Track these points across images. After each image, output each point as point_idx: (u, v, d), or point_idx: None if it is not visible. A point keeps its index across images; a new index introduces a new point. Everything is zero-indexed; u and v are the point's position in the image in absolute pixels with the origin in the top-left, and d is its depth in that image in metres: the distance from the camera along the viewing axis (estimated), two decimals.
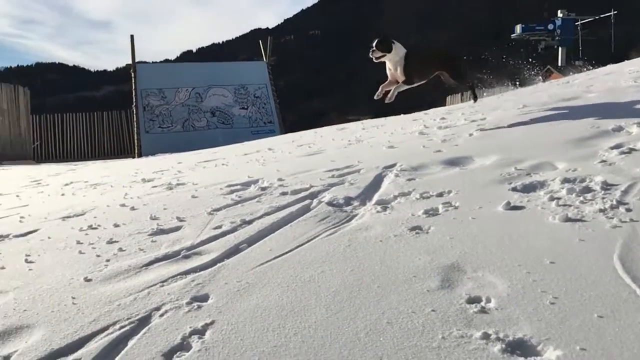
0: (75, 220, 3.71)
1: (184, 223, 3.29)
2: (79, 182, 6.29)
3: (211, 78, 19.85)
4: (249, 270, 2.44)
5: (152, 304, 2.24)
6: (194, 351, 1.85)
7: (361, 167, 4.09)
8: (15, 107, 17.67)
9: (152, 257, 2.75)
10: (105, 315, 2.19)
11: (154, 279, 2.48)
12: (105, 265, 2.72)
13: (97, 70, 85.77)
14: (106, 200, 4.27)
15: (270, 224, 3.04)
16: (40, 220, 3.80)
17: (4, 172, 10.42)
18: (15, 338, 2.12)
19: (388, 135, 5.78)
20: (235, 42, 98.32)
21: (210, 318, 2.05)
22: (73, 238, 3.23)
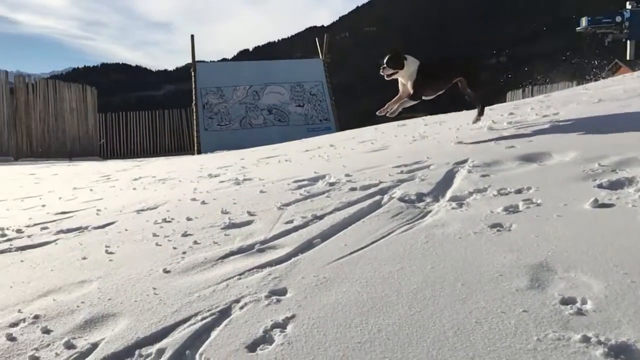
0: (149, 213, 3.81)
1: (255, 217, 3.31)
2: (147, 177, 6.48)
3: (268, 76, 20.07)
4: (326, 265, 2.42)
5: (231, 296, 2.26)
6: (276, 344, 1.84)
7: (430, 163, 4.00)
8: (83, 106, 18.48)
9: (227, 250, 2.78)
10: (187, 306, 2.22)
11: (231, 272, 2.50)
12: (182, 258, 2.77)
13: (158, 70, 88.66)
14: (177, 194, 4.37)
15: (342, 219, 3.01)
16: (116, 213, 3.93)
17: (75, 168, 10.88)
18: (102, 326, 2.18)
19: (454, 131, 5.64)
20: (290, 40, 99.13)
21: (291, 312, 2.04)
22: (149, 230, 3.31)
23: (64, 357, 1.97)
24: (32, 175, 9.25)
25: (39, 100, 17.21)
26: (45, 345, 2.07)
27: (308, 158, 5.78)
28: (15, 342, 2.12)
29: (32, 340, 2.12)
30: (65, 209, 4.40)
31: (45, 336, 2.13)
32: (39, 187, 7.07)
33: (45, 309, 2.36)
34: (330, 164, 4.82)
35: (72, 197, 5.31)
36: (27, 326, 2.23)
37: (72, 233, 3.52)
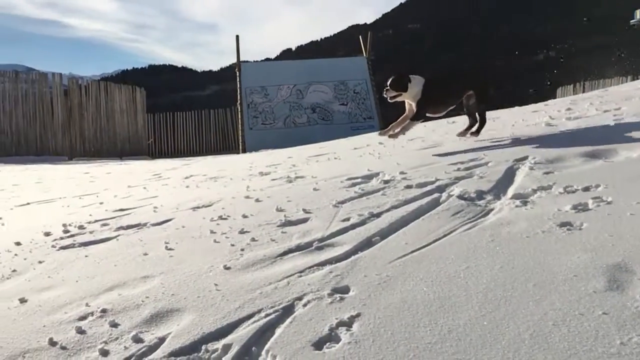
0: (204, 210, 3.85)
1: (310, 215, 3.30)
2: (197, 175, 6.58)
3: (311, 75, 20.10)
4: (387, 263, 2.38)
5: (293, 293, 2.24)
6: (343, 343, 1.82)
7: (488, 160, 3.90)
8: (133, 106, 19.00)
9: (285, 248, 2.78)
10: (249, 302, 2.23)
11: (291, 269, 2.49)
12: (241, 254, 2.78)
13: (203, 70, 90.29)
14: (230, 192, 4.40)
15: (401, 217, 2.96)
16: (172, 210, 3.99)
17: (127, 167, 11.19)
18: (167, 321, 2.21)
19: (509, 127, 5.49)
20: (333, 39, 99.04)
21: (355, 310, 2.01)
22: (206, 227, 3.35)
23: (133, 351, 2.00)
24: (87, 174, 9.56)
25: (91, 101, 17.79)
26: (114, 339, 2.11)
27: (358, 156, 5.73)
28: (85, 335, 2.17)
29: (101, 333, 2.16)
30: (123, 206, 4.51)
31: (113, 330, 2.18)
32: (95, 185, 7.29)
33: (111, 303, 2.41)
34: (382, 161, 4.76)
35: (128, 195, 5.44)
36: (95, 320, 2.28)
37: (131, 229, 3.59)
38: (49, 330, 2.23)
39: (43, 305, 2.48)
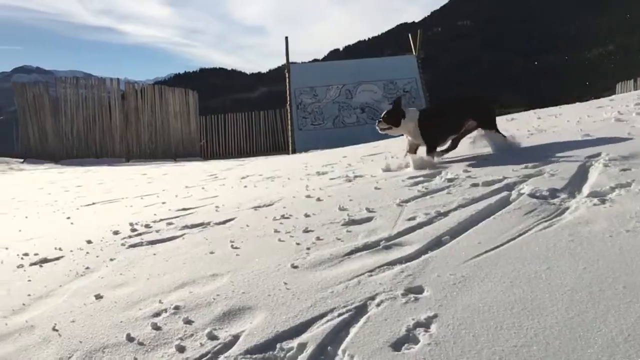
0: (266, 210, 3.87)
1: (374, 214, 3.26)
2: (253, 175, 6.65)
3: (361, 74, 20.02)
4: (461, 263, 2.32)
5: (365, 293, 2.21)
6: (423, 344, 1.77)
7: (559, 157, 3.75)
8: (186, 109, 19.43)
9: (351, 247, 2.75)
10: (321, 301, 2.21)
11: (360, 268, 2.46)
12: (307, 253, 2.77)
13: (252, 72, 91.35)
14: (289, 191, 4.42)
15: (469, 216, 2.88)
16: (233, 210, 4.04)
17: (182, 168, 11.45)
18: (240, 318, 2.22)
19: (574, 123, 5.28)
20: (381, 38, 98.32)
21: (432, 311, 1.96)
22: (270, 227, 3.36)
23: (208, 348, 2.02)
24: (145, 175, 9.84)
25: (146, 105, 18.32)
26: (189, 336, 2.14)
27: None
28: (161, 331, 2.20)
29: (176, 330, 2.19)
30: (185, 205, 4.60)
31: (188, 327, 2.20)
32: (153, 186, 7.48)
33: (183, 300, 2.44)
34: (441, 159, 4.66)
35: (188, 195, 5.55)
36: (169, 316, 2.32)
37: (196, 228, 3.65)
38: (126, 326, 2.28)
39: (118, 302, 2.54)
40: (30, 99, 17.22)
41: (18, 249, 3.72)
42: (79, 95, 17.55)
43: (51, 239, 3.96)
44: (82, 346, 2.17)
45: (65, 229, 4.40)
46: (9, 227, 4.95)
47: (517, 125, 6.07)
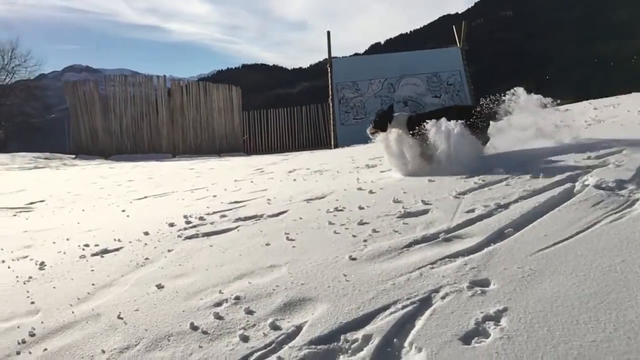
0: (318, 202, 3.86)
1: (430, 206, 3.20)
2: (300, 169, 6.66)
3: (403, 68, 19.77)
4: (528, 256, 2.24)
5: (428, 285, 2.17)
6: (494, 338, 1.72)
7: (622, 148, 3.60)
8: (229, 105, 19.67)
9: (410, 239, 2.71)
10: (383, 293, 2.18)
11: (420, 261, 2.42)
12: (365, 245, 2.75)
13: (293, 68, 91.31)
14: (340, 184, 4.40)
15: (532, 208, 2.79)
16: (285, 203, 4.05)
17: (227, 163, 11.59)
18: (301, 309, 2.21)
19: (635, 113, 5.05)
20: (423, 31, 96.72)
21: (501, 304, 1.90)
22: (323, 219, 3.35)
23: (272, 338, 2.02)
24: (192, 170, 10.00)
25: (191, 101, 18.64)
26: (252, 326, 2.15)
27: None
28: (223, 320, 2.22)
29: (238, 319, 2.21)
30: (236, 199, 4.64)
31: (250, 317, 2.21)
32: (202, 180, 7.59)
33: (243, 290, 2.46)
34: (496, 151, 4.53)
35: (237, 189, 5.60)
36: (230, 306, 2.34)
37: (249, 221, 3.67)
38: (189, 316, 2.31)
39: (179, 292, 2.58)
40: (80, 97, 17.78)
41: (79, 240, 3.84)
42: (127, 92, 18.00)
43: (109, 230, 4.07)
44: (147, 334, 2.21)
45: (121, 222, 4.51)
46: (68, 220, 5.11)
47: (573, 116, 5.86)
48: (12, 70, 25.90)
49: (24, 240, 4.19)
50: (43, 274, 3.14)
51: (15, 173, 12.31)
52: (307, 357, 1.87)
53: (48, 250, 3.71)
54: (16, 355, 2.20)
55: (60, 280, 3.00)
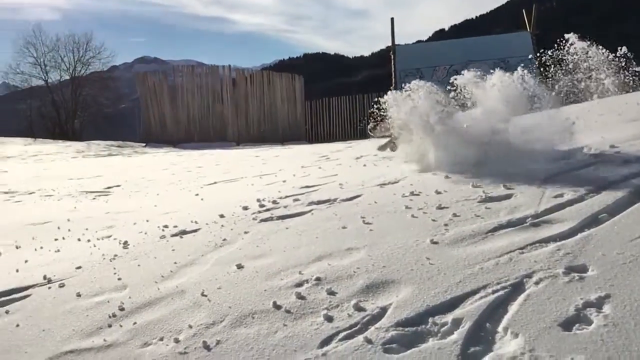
0: (391, 187, 3.80)
1: (513, 191, 3.08)
2: (368, 155, 6.60)
3: (469, 54, 19.18)
4: (628, 242, 2.11)
5: (519, 270, 2.08)
6: (597, 325, 1.63)
7: None
8: (292, 94, 19.82)
9: (494, 224, 2.61)
10: (471, 277, 2.11)
11: (508, 246, 2.33)
12: (446, 230, 2.67)
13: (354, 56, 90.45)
14: (413, 169, 4.30)
15: (628, 193, 2.63)
16: (358, 187, 4.01)
17: (291, 150, 11.69)
18: (385, 291, 2.18)
19: None
20: (489, 16, 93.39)
21: (603, 291, 1.80)
22: (399, 203, 3.29)
23: (357, 319, 2.00)
24: (257, 157, 10.14)
25: (255, 90, 18.92)
26: (335, 306, 2.13)
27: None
28: (305, 300, 2.22)
29: (321, 300, 2.20)
30: (307, 183, 4.65)
31: (332, 297, 2.20)
32: (268, 167, 7.68)
33: (323, 272, 2.45)
34: (579, 134, 4.30)
35: (306, 174, 5.62)
36: (311, 287, 2.33)
37: (323, 205, 3.67)
38: (270, 295, 2.32)
39: (259, 272, 2.60)
40: (150, 87, 18.44)
41: (157, 221, 3.96)
42: (194, 82, 18.50)
43: (185, 213, 4.17)
44: (231, 311, 2.24)
45: (196, 205, 4.63)
46: (145, 203, 5.30)
47: None
48: (87, 62, 27.21)
49: (106, 222, 4.37)
50: (127, 252, 3.26)
51: (91, 160, 12.94)
52: (394, 338, 1.83)
53: (129, 231, 3.85)
54: (108, 328, 2.29)
55: (143, 259, 3.10)
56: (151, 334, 2.18)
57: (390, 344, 1.80)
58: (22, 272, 3.11)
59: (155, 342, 2.11)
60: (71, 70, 26.76)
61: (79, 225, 4.27)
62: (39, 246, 3.69)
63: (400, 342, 1.81)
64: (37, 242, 3.80)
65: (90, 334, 2.26)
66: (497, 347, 1.70)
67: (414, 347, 1.77)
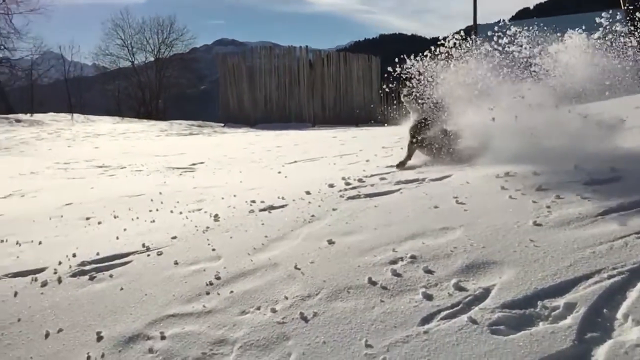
0: (482, 168, 3.66)
1: (619, 174, 2.88)
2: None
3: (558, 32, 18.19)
4: None
5: (637, 255, 1.94)
6: None
7: None
8: (368, 75, 19.61)
9: (604, 207, 2.45)
10: (582, 261, 1.99)
11: (622, 230, 2.18)
12: (549, 212, 2.54)
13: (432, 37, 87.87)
14: None
15: None
16: (447, 167, 3.90)
17: (368, 132, 11.60)
18: (486, 272, 2.10)
19: None
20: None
21: None
22: (494, 184, 3.17)
23: (458, 298, 1.94)
24: (335, 138, 10.15)
25: (332, 71, 18.88)
26: (434, 285, 2.08)
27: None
28: (401, 278, 2.18)
29: (417, 278, 2.15)
30: (391, 163, 4.59)
31: (430, 276, 2.15)
32: (347, 147, 7.67)
33: (418, 250, 2.40)
34: None
35: (388, 155, 5.56)
36: (406, 265, 2.29)
37: (411, 184, 3.60)
38: (365, 271, 2.30)
39: (351, 248, 2.58)
40: (230, 68, 18.83)
41: (244, 197, 4.03)
42: (271, 64, 18.71)
43: (271, 189, 4.22)
44: (326, 285, 2.24)
45: (280, 182, 4.68)
46: (230, 179, 5.43)
47: None
48: (170, 44, 28.23)
49: (195, 196, 4.51)
50: (219, 224, 3.34)
51: (174, 138, 13.44)
52: (501, 320, 1.76)
53: (218, 205, 3.94)
54: (206, 295, 2.35)
55: (235, 231, 3.17)
56: (248, 302, 2.22)
57: (497, 326, 1.73)
58: (121, 240, 3.27)
59: (252, 310, 2.15)
60: (155, 52, 27.91)
61: (170, 198, 4.43)
62: (135, 216, 3.85)
63: (507, 324, 1.73)
64: (133, 213, 3.98)
65: (189, 299, 2.33)
66: (616, 334, 1.60)
67: (523, 329, 1.69)
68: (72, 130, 14.68)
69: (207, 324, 2.11)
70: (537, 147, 3.57)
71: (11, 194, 5.46)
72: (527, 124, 3.66)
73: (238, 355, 1.87)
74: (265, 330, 1.99)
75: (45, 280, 2.67)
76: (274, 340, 1.92)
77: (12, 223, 3.93)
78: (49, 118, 17.51)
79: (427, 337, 1.75)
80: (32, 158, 9.29)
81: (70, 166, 7.89)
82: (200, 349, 1.94)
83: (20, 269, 2.84)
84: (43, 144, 11.86)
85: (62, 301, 2.45)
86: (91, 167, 7.72)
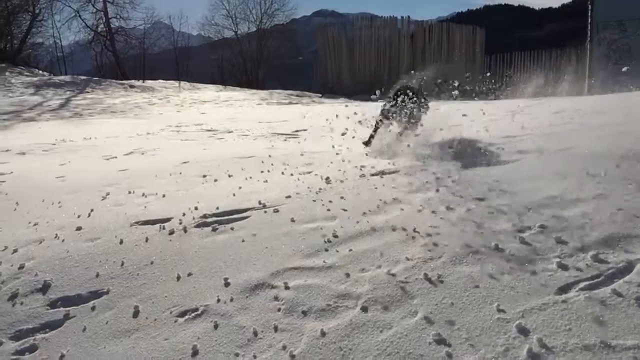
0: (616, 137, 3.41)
1: None
2: (564, 111, 6.05)
3: None
4: None
5: None
6: None
7: None
8: (471, 47, 18.84)
9: None
10: None
11: None
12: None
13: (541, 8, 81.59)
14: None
15: None
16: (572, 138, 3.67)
17: (471, 105, 11.16)
18: (628, 246, 1.97)
19: None
20: None
21: None
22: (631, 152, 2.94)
23: (598, 270, 1.83)
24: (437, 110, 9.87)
25: (434, 43, 18.34)
26: (568, 255, 1.97)
27: None
28: (531, 247, 2.09)
29: (548, 247, 2.06)
30: (508, 133, 4.42)
31: (563, 246, 2.04)
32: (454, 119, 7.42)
33: (547, 220, 2.29)
34: None
35: (500, 126, 5.32)
36: (535, 234, 2.19)
37: (531, 154, 3.43)
38: (490, 237, 2.23)
39: (471, 214, 2.51)
40: (329, 39, 18.83)
41: (354, 162, 4.03)
42: (371, 34, 18.49)
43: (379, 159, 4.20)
44: (448, 249, 2.19)
45: None
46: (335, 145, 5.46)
47: None
48: (272, 14, 28.60)
49: (303, 160, 4.58)
50: (330, 187, 3.37)
51: (274, 107, 13.74)
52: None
53: (327, 169, 3.98)
54: (325, 252, 2.39)
55: (347, 194, 3.18)
56: (367, 261, 2.22)
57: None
58: (238, 197, 3.39)
59: (373, 269, 2.15)
60: (257, 22, 28.45)
61: (279, 161, 4.53)
62: (248, 176, 3.98)
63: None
64: (246, 173, 4.12)
65: (309, 255, 2.38)
66: None
67: None
68: (179, 96, 15.43)
69: (329, 278, 2.14)
70: None
71: (132, 152, 5.84)
72: None
73: (363, 309, 1.88)
74: (388, 287, 1.99)
75: (172, 229, 2.82)
76: (399, 298, 1.91)
77: (137, 177, 4.20)
78: (158, 85, 18.48)
79: (565, 307, 1.66)
80: (146, 120, 9.87)
81: (182, 129, 8.30)
82: (324, 301, 1.97)
83: (148, 218, 3.03)
84: (154, 108, 12.57)
85: (190, 248, 2.59)
86: (200, 130, 8.08)
